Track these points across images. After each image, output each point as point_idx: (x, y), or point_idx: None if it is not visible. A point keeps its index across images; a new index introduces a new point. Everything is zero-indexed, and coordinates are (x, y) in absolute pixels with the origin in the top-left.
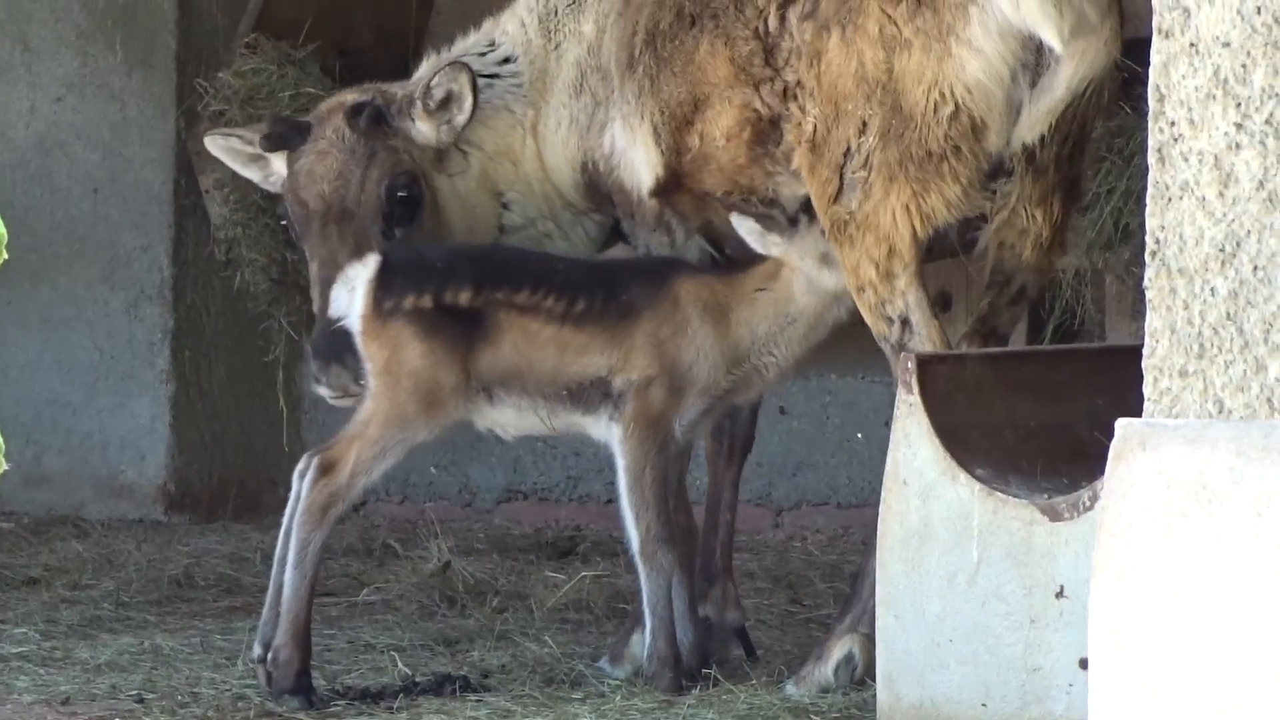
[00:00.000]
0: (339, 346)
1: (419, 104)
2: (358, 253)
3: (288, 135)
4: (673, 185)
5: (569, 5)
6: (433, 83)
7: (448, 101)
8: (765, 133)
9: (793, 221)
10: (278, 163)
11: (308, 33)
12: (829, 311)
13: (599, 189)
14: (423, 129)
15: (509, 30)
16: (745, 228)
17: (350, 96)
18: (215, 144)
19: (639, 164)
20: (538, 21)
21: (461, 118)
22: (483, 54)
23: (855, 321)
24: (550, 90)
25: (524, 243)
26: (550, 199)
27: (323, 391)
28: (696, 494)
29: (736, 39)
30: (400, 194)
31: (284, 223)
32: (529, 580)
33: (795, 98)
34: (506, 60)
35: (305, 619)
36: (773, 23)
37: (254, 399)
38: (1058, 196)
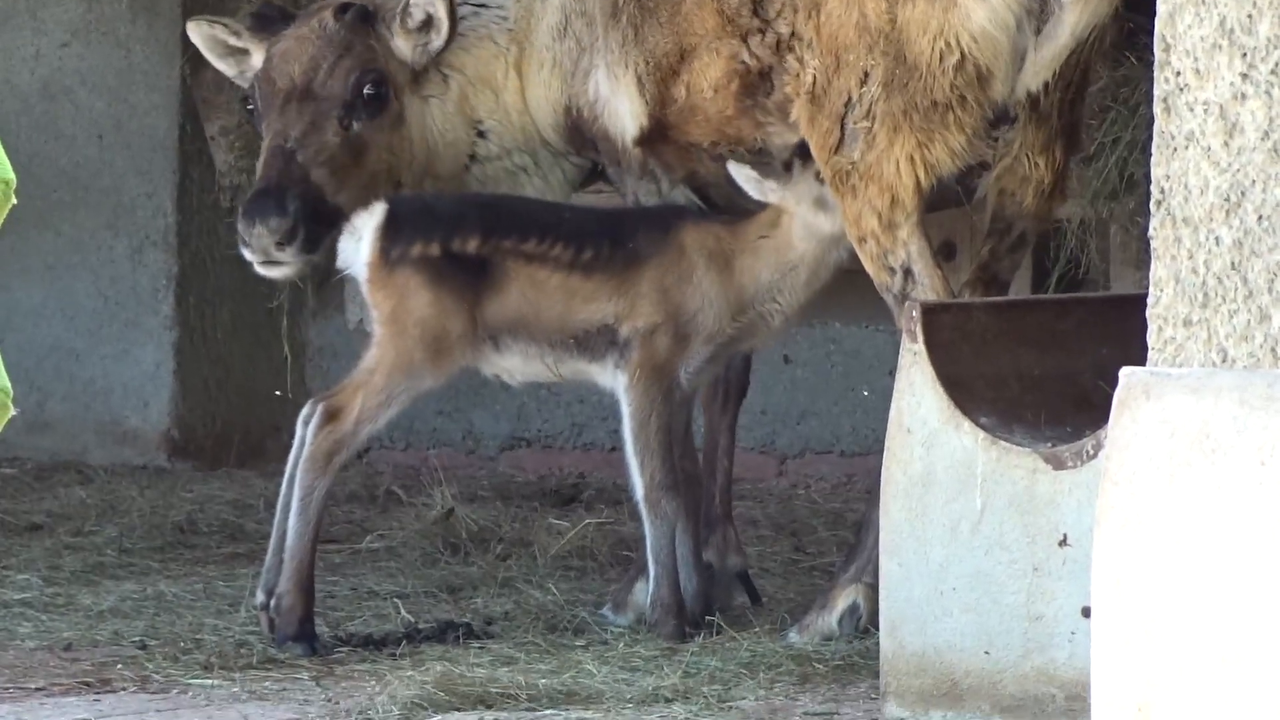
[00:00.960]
0: (266, 208)
1: (397, 20)
2: (313, 130)
3: (274, 20)
4: (657, 135)
5: None
6: (411, 3)
7: (426, 24)
8: (754, 85)
9: (787, 167)
10: (256, 57)
11: None
12: (828, 255)
13: (582, 134)
14: (400, 45)
15: None
16: (742, 175)
17: None
18: (198, 31)
19: (623, 113)
20: None
21: (438, 42)
22: None
23: (859, 269)
24: (535, 30)
25: (495, 174)
26: (529, 134)
27: (245, 254)
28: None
29: None
30: (366, 89)
31: (250, 108)
32: (532, 527)
33: (792, 49)
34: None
35: (309, 566)
36: None
37: (258, 346)
38: (1059, 143)
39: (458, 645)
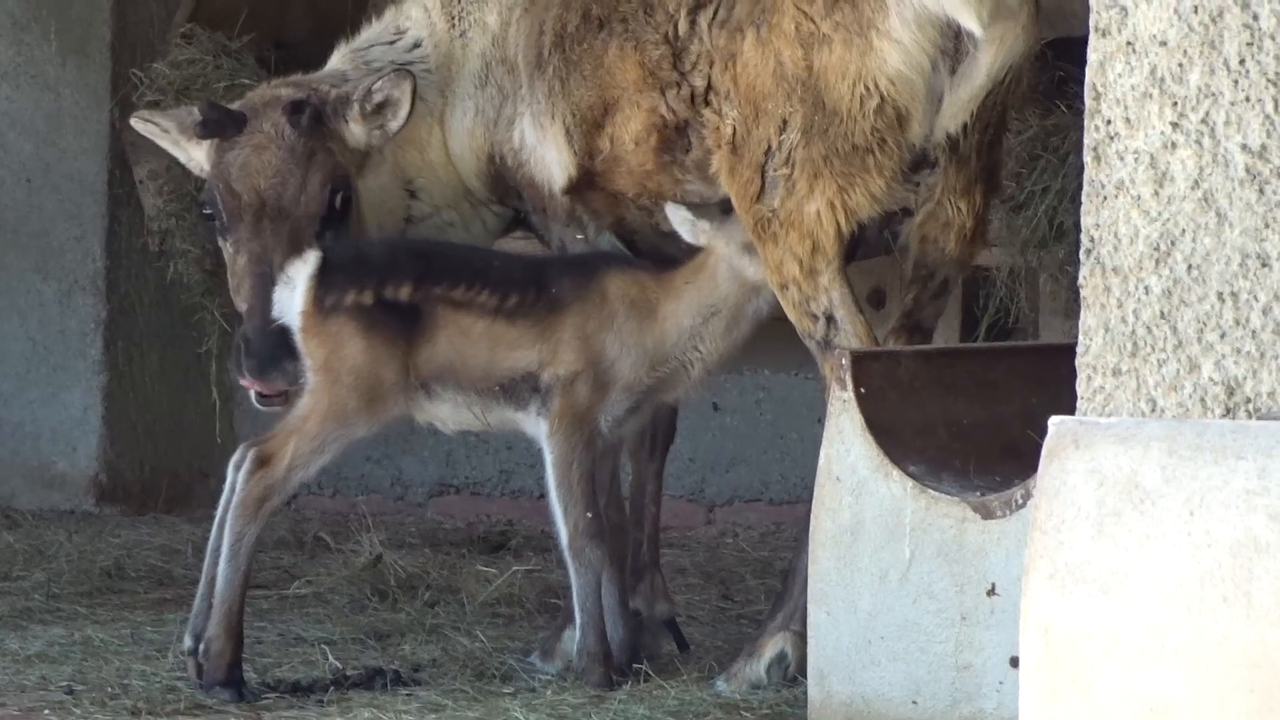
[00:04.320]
0: (278, 352)
1: (356, 107)
2: (293, 252)
3: (223, 123)
4: (585, 184)
5: None
6: (374, 87)
7: (384, 106)
8: (671, 139)
9: (725, 210)
10: (194, 151)
11: (243, 24)
12: (749, 303)
13: (506, 182)
14: (355, 131)
15: (413, 15)
16: (678, 216)
17: (285, 91)
18: (139, 126)
19: (551, 162)
20: (440, 7)
21: (395, 124)
22: (391, 42)
23: (785, 317)
24: (456, 79)
25: (428, 232)
26: (455, 186)
27: (257, 388)
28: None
29: (646, 43)
30: (339, 198)
31: (206, 211)
32: (460, 574)
33: (709, 103)
34: (415, 46)
35: (238, 611)
36: (682, 27)
37: (187, 390)
38: (979, 187)
39: (385, 692)
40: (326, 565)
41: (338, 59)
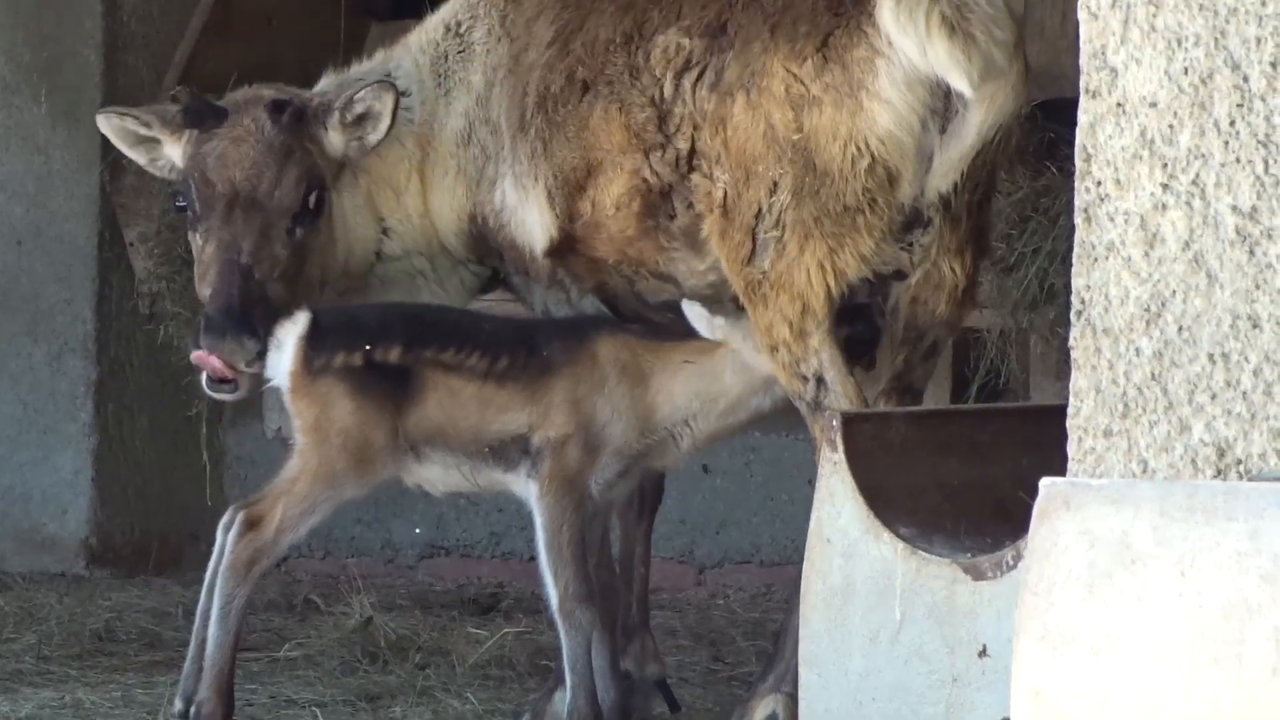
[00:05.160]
0: (238, 326)
1: (336, 114)
2: (264, 243)
3: (204, 114)
4: (566, 247)
5: (459, 52)
6: (356, 96)
7: (364, 118)
8: (655, 205)
9: (738, 304)
10: (170, 147)
11: (233, 86)
12: (753, 398)
13: (487, 242)
14: (334, 139)
15: (404, 65)
16: (694, 314)
17: (268, 92)
18: (107, 123)
19: (532, 224)
20: (430, 63)
21: (374, 137)
22: None
23: (789, 409)
24: (438, 136)
25: (396, 275)
26: (429, 238)
27: (212, 362)
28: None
29: (632, 105)
30: (313, 197)
31: (179, 204)
32: (451, 636)
33: (698, 168)
34: (403, 94)
35: (228, 673)
36: (668, 89)
37: (177, 453)
38: (970, 247)
39: None
40: (317, 627)
41: (324, 83)
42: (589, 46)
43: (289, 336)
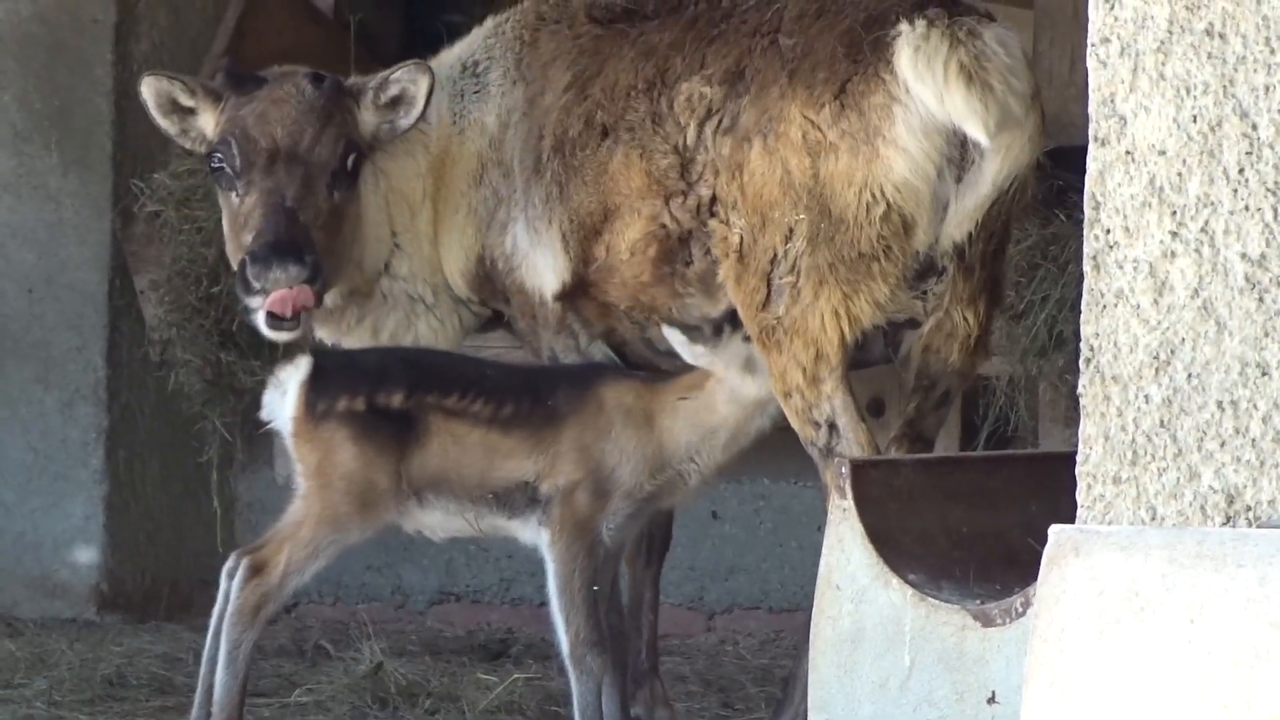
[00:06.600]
0: (284, 254)
1: (370, 94)
2: (308, 192)
3: (245, 80)
4: (578, 292)
5: (474, 92)
6: (392, 78)
7: (398, 101)
8: (673, 251)
9: (717, 331)
10: (205, 117)
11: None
12: (751, 421)
13: (494, 284)
14: (366, 119)
15: None
16: (674, 339)
17: (304, 69)
18: (152, 85)
19: (543, 268)
20: (446, 99)
21: (405, 121)
22: None
23: (786, 426)
24: (452, 173)
25: (399, 295)
26: (436, 269)
27: (252, 304)
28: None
29: (654, 152)
30: (351, 159)
31: (215, 164)
32: (461, 682)
33: (715, 213)
34: (423, 118)
35: (237, 718)
36: (690, 137)
37: (187, 500)
38: (983, 297)
39: None
40: (327, 673)
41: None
42: (609, 91)
43: (291, 381)
